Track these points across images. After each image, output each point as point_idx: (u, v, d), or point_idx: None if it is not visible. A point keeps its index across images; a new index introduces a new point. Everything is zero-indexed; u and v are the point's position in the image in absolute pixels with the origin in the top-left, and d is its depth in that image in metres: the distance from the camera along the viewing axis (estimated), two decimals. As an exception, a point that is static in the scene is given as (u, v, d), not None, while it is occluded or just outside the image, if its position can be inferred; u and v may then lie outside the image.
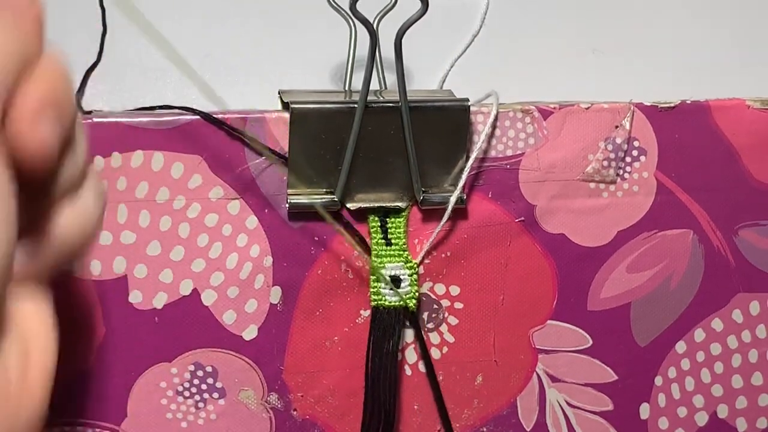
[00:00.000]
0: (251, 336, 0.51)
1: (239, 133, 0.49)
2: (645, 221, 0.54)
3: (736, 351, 0.56)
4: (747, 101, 0.54)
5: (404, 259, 0.51)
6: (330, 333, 0.51)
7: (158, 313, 0.50)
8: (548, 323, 0.54)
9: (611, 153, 0.53)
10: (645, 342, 0.55)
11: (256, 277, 0.50)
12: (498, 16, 0.63)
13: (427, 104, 0.50)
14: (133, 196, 0.49)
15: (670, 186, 0.54)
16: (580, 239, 0.53)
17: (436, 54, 0.61)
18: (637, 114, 0.53)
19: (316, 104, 0.49)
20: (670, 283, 0.55)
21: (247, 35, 0.61)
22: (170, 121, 0.49)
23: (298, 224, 0.50)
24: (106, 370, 0.49)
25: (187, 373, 0.50)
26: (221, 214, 0.50)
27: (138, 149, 0.48)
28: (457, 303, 0.53)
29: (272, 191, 0.50)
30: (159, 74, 0.60)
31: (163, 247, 0.49)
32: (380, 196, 0.51)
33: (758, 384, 0.56)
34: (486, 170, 0.52)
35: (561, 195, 0.53)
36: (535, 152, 0.52)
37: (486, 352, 0.53)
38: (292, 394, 0.51)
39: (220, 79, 0.60)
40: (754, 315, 0.56)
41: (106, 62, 0.59)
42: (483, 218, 0.52)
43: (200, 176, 0.49)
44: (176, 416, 0.50)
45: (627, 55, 0.66)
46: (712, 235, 0.55)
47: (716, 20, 0.67)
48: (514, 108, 0.52)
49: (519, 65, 0.65)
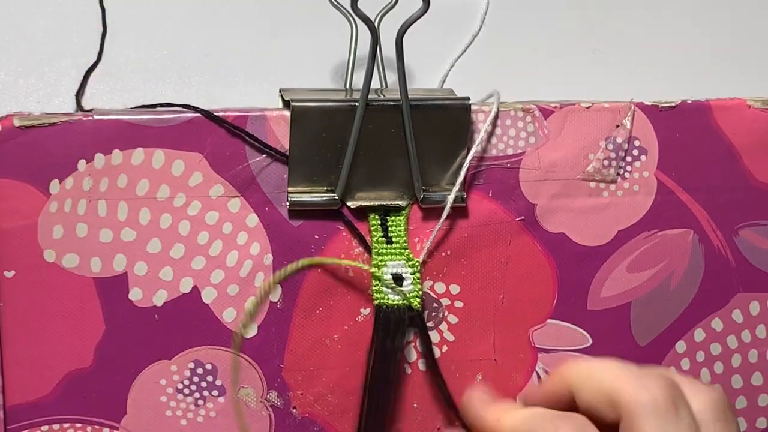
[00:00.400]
0: (251, 334, 0.51)
1: (240, 131, 0.49)
2: (645, 221, 0.54)
3: (735, 351, 0.56)
4: (748, 101, 0.54)
5: (406, 257, 0.51)
6: (330, 331, 0.51)
7: (158, 311, 0.49)
8: (548, 322, 0.54)
9: (612, 152, 0.53)
10: (645, 341, 0.55)
11: (256, 275, 0.50)
12: (498, 16, 0.63)
13: (428, 103, 0.50)
14: (133, 193, 0.49)
15: (670, 185, 0.54)
16: (581, 238, 0.53)
17: (436, 54, 0.61)
18: (637, 113, 0.53)
19: (317, 102, 0.49)
20: (670, 283, 0.55)
21: (247, 35, 0.61)
22: (171, 118, 0.49)
23: (298, 222, 0.50)
24: (106, 367, 0.49)
25: (186, 370, 0.50)
26: (221, 212, 0.50)
27: (139, 147, 0.48)
28: (457, 302, 0.53)
29: (273, 189, 0.50)
30: (159, 74, 0.60)
31: (163, 244, 0.49)
32: (381, 195, 0.51)
33: (758, 384, 0.56)
34: (486, 169, 0.52)
35: (561, 194, 0.53)
36: (536, 151, 0.52)
37: (486, 351, 0.53)
38: (291, 392, 0.51)
39: (220, 79, 0.61)
40: (754, 315, 0.56)
41: (106, 62, 0.59)
42: (483, 217, 0.52)
43: (201, 174, 0.49)
44: (176, 414, 0.50)
45: (627, 54, 0.66)
46: (712, 235, 0.55)
47: (716, 20, 0.67)
48: (515, 107, 0.52)
49: (519, 65, 0.65)
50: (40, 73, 0.58)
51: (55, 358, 0.49)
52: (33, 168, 0.47)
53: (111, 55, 0.59)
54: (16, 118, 0.47)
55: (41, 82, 0.58)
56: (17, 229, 0.48)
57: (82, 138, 0.48)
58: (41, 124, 0.47)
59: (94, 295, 0.49)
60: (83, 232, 0.48)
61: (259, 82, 0.61)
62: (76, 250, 0.48)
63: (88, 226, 0.48)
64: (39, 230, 0.48)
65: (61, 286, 0.48)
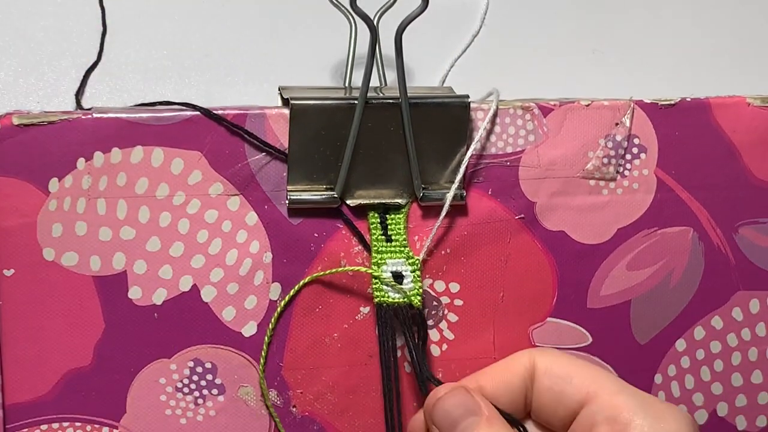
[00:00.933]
0: (251, 332, 0.51)
1: (239, 129, 0.49)
2: (645, 219, 0.54)
3: (735, 349, 0.56)
4: (747, 99, 0.54)
5: (406, 255, 0.51)
6: (330, 330, 0.51)
7: (158, 309, 0.49)
8: (548, 321, 0.54)
9: (611, 150, 0.53)
10: (645, 340, 0.55)
11: (255, 274, 0.50)
12: (498, 16, 0.63)
13: (428, 101, 0.50)
14: (132, 191, 0.49)
15: (670, 183, 0.54)
16: (580, 236, 0.53)
17: (436, 53, 0.61)
18: (637, 111, 0.53)
19: (316, 100, 0.49)
20: (669, 281, 0.55)
21: (247, 35, 0.62)
22: (170, 117, 0.49)
23: (297, 220, 0.50)
24: (106, 366, 0.49)
25: (186, 369, 0.50)
26: (221, 210, 0.50)
27: (138, 145, 0.48)
28: (456, 300, 0.53)
29: (272, 187, 0.50)
30: (159, 74, 0.60)
31: (162, 243, 0.49)
32: (380, 193, 0.51)
33: (758, 382, 0.56)
34: (486, 167, 0.52)
35: (561, 192, 0.53)
36: (536, 149, 0.52)
37: (486, 349, 0.53)
38: (291, 390, 0.51)
39: (220, 79, 0.61)
40: (754, 313, 0.56)
41: (106, 62, 0.59)
42: (483, 215, 0.52)
43: (200, 172, 0.49)
44: (175, 412, 0.50)
45: (627, 52, 0.66)
46: (712, 233, 0.55)
47: (716, 18, 0.67)
48: (515, 105, 0.52)
49: (519, 65, 0.65)
50: (40, 73, 0.58)
51: (55, 356, 0.49)
52: (32, 166, 0.47)
53: (111, 55, 0.59)
54: (15, 116, 0.47)
55: (41, 82, 0.58)
56: (16, 227, 0.48)
57: (81, 136, 0.48)
58: (40, 123, 0.47)
59: (94, 293, 0.49)
60: (82, 230, 0.48)
61: (259, 81, 0.61)
62: (75, 249, 0.48)
63: (88, 225, 0.48)
64: (38, 228, 0.48)
65: (60, 285, 0.48)
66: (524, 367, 0.49)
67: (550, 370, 0.48)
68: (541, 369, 0.48)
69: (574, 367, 0.48)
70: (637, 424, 0.44)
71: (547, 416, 0.48)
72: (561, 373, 0.48)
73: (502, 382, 0.49)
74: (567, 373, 0.47)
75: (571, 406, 0.47)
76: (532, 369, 0.48)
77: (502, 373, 0.49)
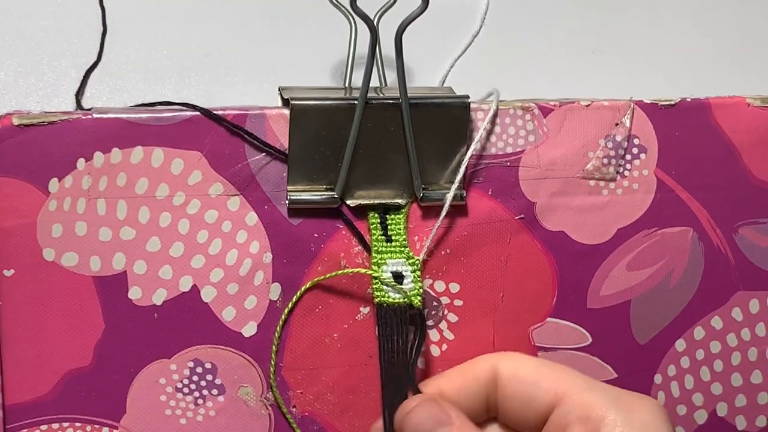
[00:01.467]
0: (251, 333, 0.51)
1: (239, 130, 0.49)
2: (645, 219, 0.54)
3: (735, 349, 0.56)
4: (747, 99, 0.54)
5: (406, 255, 0.51)
6: (329, 330, 0.51)
7: (157, 310, 0.49)
8: (548, 321, 0.54)
9: (611, 150, 0.53)
10: (644, 340, 0.55)
11: (255, 274, 0.50)
12: (498, 16, 0.63)
13: (428, 101, 0.50)
14: (132, 192, 0.49)
15: (670, 184, 0.54)
16: (580, 237, 0.53)
17: (436, 53, 0.61)
18: (637, 111, 0.53)
19: (316, 101, 0.49)
20: (669, 281, 0.55)
21: (247, 35, 0.62)
22: (170, 117, 0.49)
23: (297, 221, 0.50)
24: (106, 366, 0.49)
25: (186, 369, 0.50)
26: (221, 211, 0.50)
27: (138, 145, 0.48)
28: (456, 300, 0.53)
29: (272, 188, 0.50)
30: (159, 74, 0.60)
31: (162, 243, 0.49)
32: (380, 193, 0.51)
33: (757, 382, 0.56)
34: (486, 167, 0.52)
35: (561, 192, 0.53)
36: (535, 149, 0.52)
37: (485, 349, 0.53)
38: (291, 390, 0.51)
39: (220, 79, 0.61)
40: (754, 313, 0.56)
41: (106, 62, 0.59)
42: (483, 215, 0.52)
43: (200, 172, 0.49)
44: (175, 413, 0.50)
45: (627, 52, 0.66)
46: (711, 233, 0.55)
47: (716, 18, 0.68)
48: (515, 105, 0.52)
49: (519, 65, 0.65)
50: (40, 73, 0.58)
51: (55, 356, 0.49)
52: (32, 166, 0.47)
53: (111, 55, 0.59)
54: (15, 116, 0.47)
55: (41, 82, 0.58)
56: (16, 227, 0.48)
57: (81, 136, 0.48)
58: (40, 123, 0.47)
59: (94, 293, 0.49)
60: (82, 230, 0.48)
61: (259, 81, 0.61)
62: (75, 249, 0.48)
63: (88, 225, 0.48)
64: (38, 229, 0.48)
65: (60, 285, 0.48)
66: (485, 372, 0.48)
67: (516, 374, 0.48)
68: (506, 374, 0.48)
69: (540, 369, 0.47)
70: (610, 420, 0.44)
71: (517, 420, 0.48)
72: (527, 377, 0.47)
73: (462, 387, 0.48)
74: (533, 377, 0.47)
75: (540, 409, 0.46)
76: (493, 374, 0.48)
77: (463, 378, 0.49)
